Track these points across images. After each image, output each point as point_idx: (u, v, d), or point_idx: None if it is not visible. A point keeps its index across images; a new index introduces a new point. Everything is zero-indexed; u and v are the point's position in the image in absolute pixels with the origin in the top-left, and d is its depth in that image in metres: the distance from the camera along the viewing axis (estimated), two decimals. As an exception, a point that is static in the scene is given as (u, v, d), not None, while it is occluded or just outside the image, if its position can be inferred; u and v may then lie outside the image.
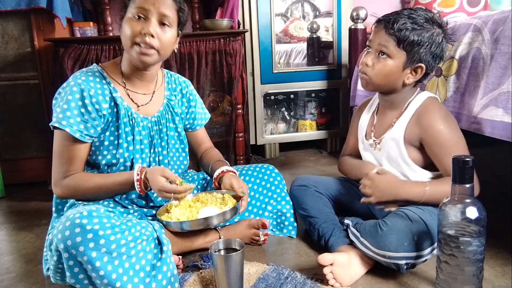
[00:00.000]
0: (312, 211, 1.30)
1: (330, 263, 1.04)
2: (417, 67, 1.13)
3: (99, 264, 0.91)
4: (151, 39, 1.09)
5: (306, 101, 2.62)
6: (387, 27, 1.12)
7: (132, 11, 1.09)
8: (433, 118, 1.12)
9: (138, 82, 1.22)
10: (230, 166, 1.34)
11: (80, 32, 2.02)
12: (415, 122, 1.15)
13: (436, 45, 1.11)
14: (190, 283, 1.09)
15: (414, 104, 1.17)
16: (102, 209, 1.00)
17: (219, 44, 2.04)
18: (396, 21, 1.10)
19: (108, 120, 1.16)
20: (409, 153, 1.17)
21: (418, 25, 1.10)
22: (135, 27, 1.08)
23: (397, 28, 1.10)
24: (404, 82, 1.16)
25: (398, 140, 1.17)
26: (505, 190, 1.71)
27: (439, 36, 1.11)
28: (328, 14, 2.69)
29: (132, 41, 1.09)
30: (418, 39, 1.09)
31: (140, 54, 1.10)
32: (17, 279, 1.19)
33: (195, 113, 1.40)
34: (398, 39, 1.10)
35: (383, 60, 1.14)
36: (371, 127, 1.29)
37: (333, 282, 1.05)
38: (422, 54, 1.11)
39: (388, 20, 1.13)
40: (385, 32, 1.13)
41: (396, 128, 1.19)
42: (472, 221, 0.88)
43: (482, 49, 1.22)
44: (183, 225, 1.12)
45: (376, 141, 1.24)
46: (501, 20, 1.18)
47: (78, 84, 1.11)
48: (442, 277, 0.94)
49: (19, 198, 1.97)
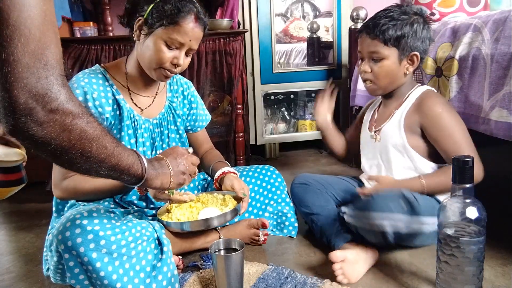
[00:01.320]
0: (313, 208, 1.31)
1: (341, 260, 1.06)
2: (411, 56, 1.18)
3: (99, 265, 0.91)
4: (177, 68, 1.14)
5: (306, 101, 2.62)
6: (370, 33, 1.19)
7: (166, 38, 1.09)
8: (432, 103, 1.17)
9: (142, 85, 1.22)
10: (231, 166, 1.34)
11: (80, 32, 2.02)
12: (415, 109, 1.20)
13: (420, 30, 1.17)
14: (190, 283, 1.09)
15: (414, 95, 1.23)
16: (102, 209, 1.00)
17: (219, 44, 2.04)
18: (376, 25, 1.17)
19: (111, 123, 1.15)
20: (409, 140, 1.20)
21: (397, 20, 1.16)
22: (167, 55, 1.11)
23: (379, 30, 1.16)
24: (405, 73, 1.21)
25: (398, 127, 1.21)
26: (505, 190, 1.71)
27: (419, 22, 1.17)
28: (328, 14, 2.69)
29: (158, 65, 1.12)
30: (402, 32, 1.15)
31: (163, 76, 1.15)
32: (17, 279, 1.19)
33: (197, 115, 1.40)
34: (384, 40, 1.16)
35: (379, 63, 1.19)
36: (372, 121, 1.34)
37: (341, 278, 1.06)
38: (411, 43, 1.17)
39: (368, 26, 1.20)
40: (370, 38, 1.19)
41: (395, 117, 1.23)
42: (472, 221, 0.88)
43: (482, 49, 1.22)
44: (184, 226, 1.12)
45: (376, 132, 1.28)
46: (501, 20, 1.18)
47: (81, 86, 1.11)
48: (442, 277, 0.94)
49: (19, 198, 1.97)
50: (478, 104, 1.22)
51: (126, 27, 1.18)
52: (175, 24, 1.08)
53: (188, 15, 1.09)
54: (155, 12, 1.08)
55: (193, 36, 1.12)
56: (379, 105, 1.36)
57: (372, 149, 1.31)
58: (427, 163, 1.20)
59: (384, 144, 1.25)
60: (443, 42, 1.41)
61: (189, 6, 1.09)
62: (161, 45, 1.09)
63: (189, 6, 1.09)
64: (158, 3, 1.08)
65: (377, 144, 1.28)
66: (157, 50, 1.10)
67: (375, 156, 1.30)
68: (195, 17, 1.11)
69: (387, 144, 1.24)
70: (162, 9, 1.08)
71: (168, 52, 1.11)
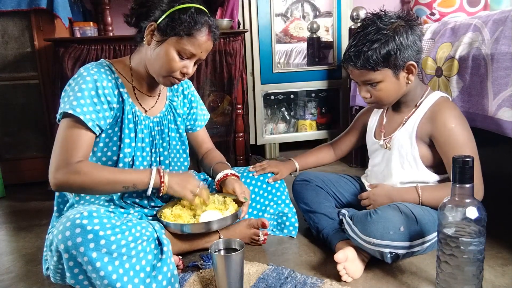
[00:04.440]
0: (312, 205, 1.32)
1: (345, 260, 1.07)
2: (407, 66, 1.12)
3: (99, 265, 0.91)
4: (185, 76, 1.16)
5: (306, 101, 2.62)
6: (355, 66, 1.12)
7: (179, 48, 1.09)
8: (446, 116, 1.12)
9: (146, 86, 1.23)
10: (231, 167, 1.34)
11: (80, 32, 2.02)
12: (428, 119, 1.16)
13: (405, 38, 1.09)
14: (190, 283, 1.09)
15: (427, 103, 1.18)
16: (102, 209, 1.00)
17: (219, 44, 2.04)
18: (357, 56, 1.10)
19: (116, 115, 1.15)
20: (420, 151, 1.18)
21: (376, 42, 1.08)
22: (178, 65, 1.12)
23: (362, 60, 1.10)
24: (407, 83, 1.16)
25: (410, 137, 1.18)
26: (505, 190, 1.71)
27: (400, 30, 1.09)
28: (328, 14, 2.69)
29: (168, 74, 1.13)
30: (386, 51, 1.08)
31: (170, 83, 1.16)
32: (17, 279, 1.19)
33: (196, 114, 1.40)
34: (372, 67, 1.10)
35: (376, 87, 1.15)
36: (380, 127, 1.30)
37: (346, 278, 1.07)
38: (401, 56, 1.09)
39: (350, 59, 1.13)
40: (357, 70, 1.14)
41: (408, 125, 1.19)
42: (472, 221, 0.88)
43: (482, 49, 1.22)
44: (184, 228, 1.12)
45: (386, 140, 1.25)
46: (501, 20, 1.18)
47: (91, 74, 1.10)
48: (442, 277, 0.94)
49: (19, 198, 1.97)
50: (483, 103, 1.22)
51: (132, 27, 1.18)
52: (190, 36, 1.09)
53: (203, 27, 1.10)
54: (170, 21, 1.08)
55: (205, 48, 1.13)
56: (386, 109, 1.31)
57: (380, 156, 1.28)
58: (431, 174, 1.18)
59: (394, 153, 1.22)
60: (443, 42, 1.41)
61: (204, 19, 1.10)
62: (174, 54, 1.10)
63: (205, 19, 1.10)
64: (174, 12, 1.08)
65: (386, 152, 1.25)
66: (169, 59, 1.10)
67: (382, 163, 1.27)
68: (208, 30, 1.12)
69: (397, 153, 1.21)
70: (179, 19, 1.07)
71: (179, 61, 1.11)
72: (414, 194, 1.15)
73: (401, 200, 1.15)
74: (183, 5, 1.09)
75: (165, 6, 1.09)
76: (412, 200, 1.14)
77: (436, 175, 1.18)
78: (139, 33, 1.15)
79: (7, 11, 1.93)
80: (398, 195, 1.17)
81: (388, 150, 1.24)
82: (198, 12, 1.09)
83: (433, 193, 1.14)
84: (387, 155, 1.25)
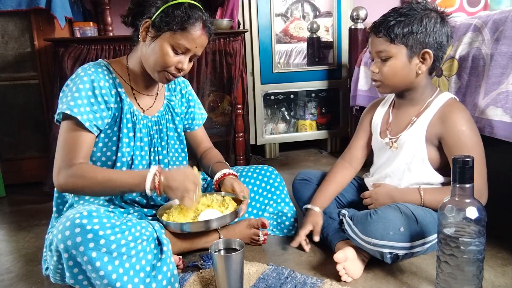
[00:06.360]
0: None
1: (345, 260, 1.07)
2: (423, 53, 1.12)
3: (99, 264, 0.91)
4: (181, 72, 1.15)
5: (306, 101, 2.62)
6: (376, 32, 1.15)
7: (173, 43, 1.10)
8: (457, 118, 1.12)
9: (144, 85, 1.23)
10: (230, 167, 1.34)
11: (80, 32, 2.02)
12: (438, 120, 1.15)
13: (432, 25, 1.11)
14: (190, 283, 1.09)
15: (437, 103, 1.17)
16: (102, 209, 1.00)
17: (219, 44, 2.04)
18: (382, 23, 1.13)
19: (114, 115, 1.16)
20: (428, 152, 1.17)
21: (404, 16, 1.11)
22: (173, 59, 1.12)
23: (384, 28, 1.12)
24: (417, 73, 1.14)
25: (420, 138, 1.17)
26: (505, 190, 1.71)
27: (430, 17, 1.11)
28: (328, 14, 2.69)
29: (163, 68, 1.13)
30: (409, 29, 1.10)
31: (165, 79, 1.15)
32: (17, 279, 1.19)
33: (194, 113, 1.40)
34: (390, 38, 1.12)
35: (386, 63, 1.14)
36: (386, 125, 1.27)
37: (346, 278, 1.07)
38: (421, 40, 1.10)
39: (375, 25, 1.16)
40: (376, 38, 1.15)
41: (417, 126, 1.18)
42: (472, 221, 0.88)
43: (482, 49, 1.22)
44: (183, 227, 1.12)
45: (393, 139, 1.23)
46: (501, 20, 1.18)
47: (88, 75, 1.11)
48: (442, 277, 0.94)
49: (19, 198, 1.97)
50: (473, 103, 1.21)
51: (129, 26, 1.18)
52: (184, 30, 1.09)
53: (197, 22, 1.10)
54: (164, 16, 1.09)
55: (199, 43, 1.13)
56: (392, 106, 1.29)
57: (385, 155, 1.26)
58: (437, 176, 1.17)
59: (401, 153, 1.20)
60: (443, 42, 1.41)
61: (198, 14, 1.11)
62: (168, 49, 1.10)
63: (198, 13, 1.11)
64: (168, 8, 1.09)
65: (392, 152, 1.23)
66: (163, 54, 1.10)
67: (388, 162, 1.25)
68: (203, 25, 1.12)
69: (404, 154, 1.19)
70: (172, 14, 1.09)
71: (174, 56, 1.12)
72: (416, 195, 1.15)
73: (403, 200, 1.14)
74: (177, 0, 1.10)
75: (160, 2, 1.11)
76: (414, 201, 1.14)
77: (441, 177, 1.17)
78: (135, 31, 1.16)
79: (7, 11, 1.93)
80: (400, 196, 1.17)
81: (395, 150, 1.22)
82: (191, 7, 1.11)
83: (435, 195, 1.13)
84: (394, 155, 1.23)
